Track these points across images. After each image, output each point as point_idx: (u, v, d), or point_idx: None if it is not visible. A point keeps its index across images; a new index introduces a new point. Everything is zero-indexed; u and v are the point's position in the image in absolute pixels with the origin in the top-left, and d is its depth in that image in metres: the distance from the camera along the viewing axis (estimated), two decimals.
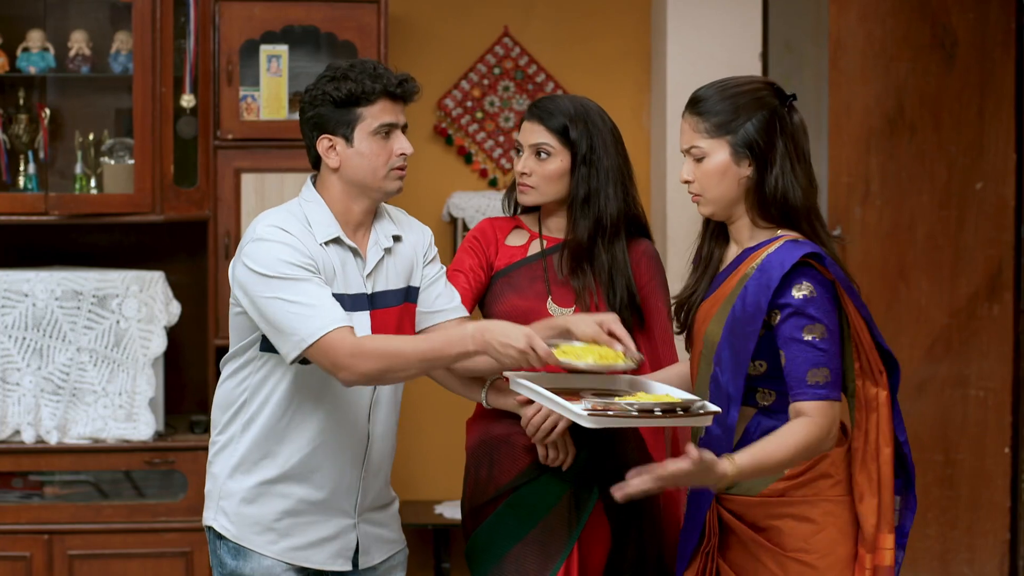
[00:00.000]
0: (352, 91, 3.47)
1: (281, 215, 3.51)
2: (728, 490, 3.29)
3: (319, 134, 3.52)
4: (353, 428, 3.56)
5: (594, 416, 3.08)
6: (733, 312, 3.24)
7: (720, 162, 3.28)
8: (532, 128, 3.77)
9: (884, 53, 5.89)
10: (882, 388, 3.26)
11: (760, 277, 3.21)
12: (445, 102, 6.16)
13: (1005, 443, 5.95)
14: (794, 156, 3.26)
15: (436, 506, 5.99)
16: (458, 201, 5.98)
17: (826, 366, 3.18)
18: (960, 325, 5.94)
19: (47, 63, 5.54)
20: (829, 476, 3.26)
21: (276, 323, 3.39)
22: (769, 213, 3.28)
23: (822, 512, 3.25)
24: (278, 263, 3.39)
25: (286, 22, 5.50)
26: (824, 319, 3.18)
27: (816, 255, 3.21)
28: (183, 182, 5.49)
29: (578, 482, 3.71)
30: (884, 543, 3.25)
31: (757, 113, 3.26)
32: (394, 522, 3.73)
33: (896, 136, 5.91)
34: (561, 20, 6.20)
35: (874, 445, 3.25)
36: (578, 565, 3.70)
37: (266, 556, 3.56)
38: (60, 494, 5.41)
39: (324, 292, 3.39)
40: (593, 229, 3.75)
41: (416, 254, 3.66)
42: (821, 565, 3.23)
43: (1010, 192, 5.92)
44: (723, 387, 3.25)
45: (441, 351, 3.35)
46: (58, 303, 5.34)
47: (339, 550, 3.60)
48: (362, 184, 3.52)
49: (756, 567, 3.28)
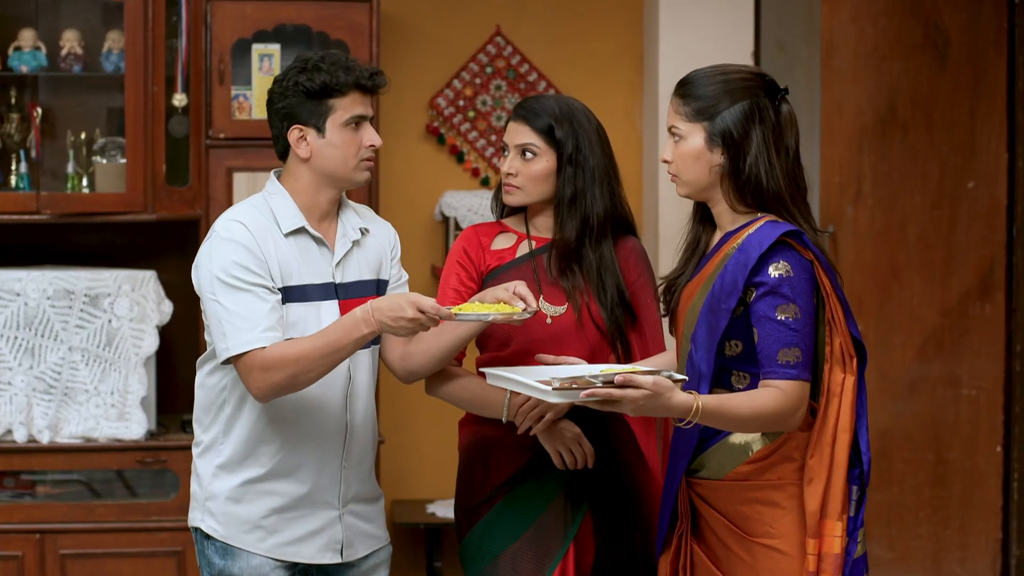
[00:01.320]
0: (325, 83, 3.52)
1: (244, 209, 3.59)
2: (696, 473, 3.33)
3: (290, 124, 3.57)
4: (332, 419, 3.59)
5: (559, 391, 3.10)
6: (712, 291, 3.27)
7: (694, 147, 3.32)
8: (517, 128, 3.76)
9: (876, 53, 5.89)
10: (849, 374, 3.27)
11: (739, 256, 3.24)
12: (437, 101, 6.15)
13: (997, 442, 5.95)
14: (773, 148, 3.28)
15: (428, 505, 5.99)
16: (450, 200, 5.98)
17: (797, 346, 3.20)
18: (952, 324, 5.94)
19: (39, 62, 5.53)
20: (793, 460, 3.27)
21: (211, 325, 3.51)
22: (746, 199, 3.30)
23: (787, 496, 3.26)
24: (228, 265, 3.47)
25: (278, 21, 5.50)
26: (798, 299, 3.20)
27: (795, 233, 3.23)
28: (175, 181, 5.49)
29: (573, 479, 3.71)
30: (831, 530, 3.24)
31: (737, 103, 3.28)
32: (379, 518, 3.75)
33: (888, 136, 5.91)
34: (553, 19, 6.20)
35: (831, 431, 3.25)
36: (574, 563, 3.70)
37: (254, 554, 3.57)
38: (52, 493, 5.41)
39: (261, 306, 3.46)
40: (580, 229, 3.75)
41: (384, 250, 3.71)
42: (789, 550, 3.25)
43: (1002, 192, 5.92)
44: (696, 365, 3.28)
45: (339, 341, 3.42)
46: (50, 302, 5.34)
47: (327, 543, 3.62)
48: (332, 174, 3.57)
49: (726, 554, 3.30)
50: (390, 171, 5.92)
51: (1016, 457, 5.90)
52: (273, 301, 3.48)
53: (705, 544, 3.35)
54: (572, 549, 3.70)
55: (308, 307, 3.55)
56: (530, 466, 3.73)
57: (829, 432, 3.25)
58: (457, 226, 5.94)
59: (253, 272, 3.47)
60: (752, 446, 3.29)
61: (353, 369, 3.60)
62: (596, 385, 3.09)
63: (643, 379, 3.08)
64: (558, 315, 3.73)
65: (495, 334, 3.76)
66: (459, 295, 3.77)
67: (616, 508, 3.72)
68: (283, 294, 3.52)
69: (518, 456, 3.73)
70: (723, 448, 3.31)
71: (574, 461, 3.69)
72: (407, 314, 3.36)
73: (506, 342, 3.75)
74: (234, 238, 3.50)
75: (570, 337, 3.73)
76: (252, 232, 3.50)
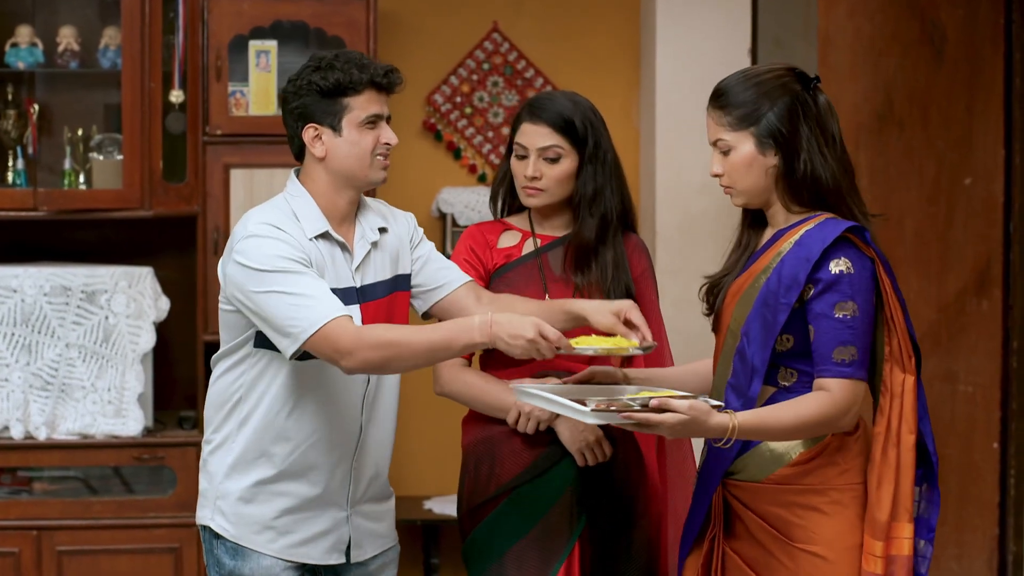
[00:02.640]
0: (340, 81, 3.47)
1: (269, 211, 3.51)
2: (733, 475, 3.30)
3: (304, 123, 3.52)
4: (347, 422, 3.56)
5: (596, 412, 3.07)
6: (767, 285, 3.23)
7: (746, 154, 3.27)
8: (538, 131, 3.74)
9: (873, 49, 5.89)
10: (909, 374, 3.24)
11: (799, 251, 3.21)
12: (434, 97, 6.15)
13: (994, 439, 5.95)
14: (821, 139, 3.26)
15: (425, 502, 5.99)
16: (447, 197, 5.98)
17: (853, 344, 3.17)
18: (949, 321, 5.94)
19: (36, 58, 5.53)
20: (836, 464, 3.24)
21: (274, 316, 3.37)
22: (802, 197, 3.27)
23: (830, 501, 3.23)
24: (273, 257, 3.38)
25: (275, 17, 5.50)
26: (857, 297, 3.18)
27: (858, 229, 3.22)
28: (172, 178, 5.49)
29: (579, 478, 3.71)
30: (900, 532, 3.21)
31: (778, 101, 3.25)
32: (388, 518, 3.72)
33: (885, 132, 5.91)
34: (551, 16, 6.20)
35: (896, 432, 3.22)
36: (579, 562, 3.70)
37: (265, 555, 3.55)
38: (49, 490, 5.41)
39: (320, 284, 3.38)
40: (600, 226, 3.75)
41: (402, 243, 3.66)
42: (832, 556, 3.21)
43: (999, 188, 5.92)
44: (749, 359, 3.24)
45: (448, 341, 3.33)
46: (47, 299, 5.34)
47: (334, 543, 3.60)
48: (348, 174, 3.52)
49: (766, 558, 3.26)
50: None
51: (1013, 454, 5.91)
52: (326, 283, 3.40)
53: (741, 546, 3.31)
54: (577, 548, 3.69)
55: None
56: (537, 464, 3.72)
57: (894, 433, 3.23)
58: (454, 222, 5.94)
59: (300, 258, 3.40)
60: (793, 450, 3.25)
61: (373, 376, 3.55)
62: (634, 408, 3.07)
63: (679, 403, 3.06)
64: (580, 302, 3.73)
65: None
66: None
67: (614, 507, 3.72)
68: None
69: (525, 454, 3.72)
70: (763, 451, 3.27)
71: (595, 458, 3.68)
72: (528, 334, 3.28)
73: None
74: (270, 234, 3.42)
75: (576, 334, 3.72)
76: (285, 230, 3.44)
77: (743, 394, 3.24)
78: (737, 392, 3.25)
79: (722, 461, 3.30)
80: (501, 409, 3.68)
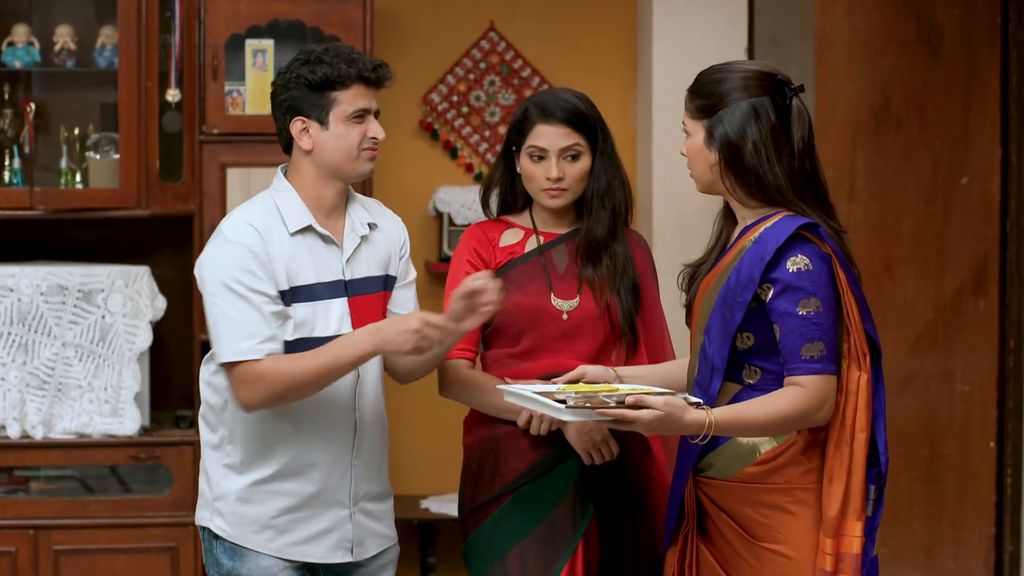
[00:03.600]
0: (327, 75, 3.49)
1: (251, 209, 3.56)
2: (703, 472, 3.32)
3: (292, 116, 3.54)
4: (341, 418, 3.56)
5: (572, 409, 3.09)
6: (727, 284, 3.25)
7: (696, 143, 3.33)
8: (557, 131, 3.72)
9: (869, 48, 5.89)
10: (864, 371, 3.25)
11: (756, 249, 3.23)
12: (431, 97, 6.15)
13: (990, 438, 5.96)
14: (771, 147, 3.25)
15: (422, 500, 5.99)
16: (444, 196, 5.98)
17: (820, 340, 3.19)
18: (945, 320, 5.94)
19: (32, 58, 5.53)
20: (800, 463, 3.26)
21: (211, 324, 3.50)
22: (753, 195, 3.29)
23: (794, 500, 3.25)
24: (232, 269, 3.45)
25: (271, 16, 5.50)
26: (819, 292, 3.19)
27: (812, 226, 3.22)
28: (168, 177, 5.48)
29: (583, 476, 3.70)
30: (851, 530, 3.22)
31: (736, 101, 3.27)
32: (388, 517, 3.73)
33: (882, 131, 5.91)
34: (547, 15, 6.20)
35: (850, 429, 3.24)
36: (583, 561, 3.69)
37: (264, 554, 3.55)
38: (45, 489, 5.41)
39: (259, 316, 3.44)
40: (611, 221, 3.76)
41: (393, 245, 3.68)
42: (795, 555, 3.23)
43: (995, 187, 5.93)
44: (709, 357, 3.26)
45: (338, 360, 3.41)
46: (43, 298, 5.34)
47: (338, 541, 3.60)
48: (335, 167, 3.54)
49: (734, 557, 3.29)
50: (384, 166, 5.92)
51: (1009, 453, 5.91)
52: (273, 309, 3.46)
53: (711, 544, 3.34)
54: (581, 546, 3.68)
55: (316, 306, 3.53)
56: (541, 463, 3.71)
57: (847, 431, 3.24)
58: (451, 222, 5.93)
59: (256, 277, 3.45)
60: (760, 447, 3.27)
61: (362, 367, 3.57)
62: (610, 405, 3.09)
63: (655, 400, 3.07)
64: (572, 309, 3.73)
65: (506, 330, 3.75)
66: None
67: (621, 503, 3.72)
68: (290, 295, 3.50)
69: (530, 452, 3.71)
70: (731, 448, 3.29)
71: (601, 458, 3.68)
72: (412, 325, 3.36)
73: (518, 338, 3.74)
74: (240, 241, 3.47)
75: (583, 332, 3.73)
76: (260, 233, 3.48)
77: (705, 391, 3.27)
78: (701, 389, 3.28)
79: (690, 456, 3.32)
80: (507, 410, 3.67)
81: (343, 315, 3.52)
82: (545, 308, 3.72)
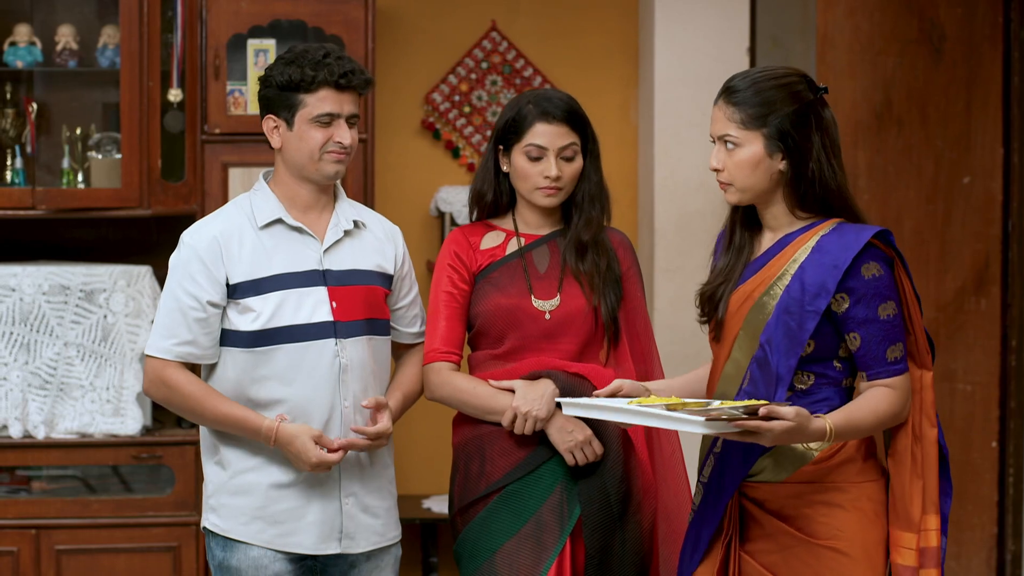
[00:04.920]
0: (292, 77, 3.58)
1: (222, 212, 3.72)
2: (751, 477, 3.30)
3: (265, 113, 3.65)
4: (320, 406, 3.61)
5: (711, 422, 3.03)
6: (788, 292, 3.23)
7: (753, 154, 3.26)
8: (556, 130, 3.74)
9: (871, 47, 5.89)
10: (927, 370, 3.29)
11: (822, 257, 3.22)
12: (432, 96, 6.16)
13: (992, 437, 5.96)
14: (829, 149, 3.26)
15: (424, 500, 5.99)
16: (446, 196, 5.98)
17: (899, 341, 3.24)
18: (947, 319, 5.94)
19: (34, 57, 5.53)
20: (855, 460, 3.27)
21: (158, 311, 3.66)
22: (809, 203, 3.28)
23: (850, 498, 3.25)
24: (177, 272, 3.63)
25: (273, 16, 5.50)
26: (893, 296, 3.23)
27: (882, 234, 3.24)
28: (170, 176, 5.49)
29: (569, 475, 3.71)
30: (930, 524, 3.25)
31: (792, 107, 3.24)
32: (387, 516, 3.74)
33: (883, 130, 5.91)
34: (548, 15, 6.20)
35: (919, 427, 3.27)
36: (571, 559, 3.70)
37: (253, 546, 3.60)
38: (47, 489, 5.41)
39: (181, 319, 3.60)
40: (599, 220, 3.78)
41: (384, 247, 3.75)
42: (854, 552, 3.23)
43: (997, 186, 5.93)
44: (773, 368, 3.23)
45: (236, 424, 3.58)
46: (45, 298, 5.34)
47: (328, 531, 3.63)
48: (299, 166, 3.64)
49: (787, 558, 3.27)
50: (385, 167, 5.92)
51: (1011, 452, 5.91)
52: (198, 316, 3.59)
53: (757, 549, 3.31)
54: (568, 545, 3.70)
55: (288, 294, 3.59)
56: (527, 461, 3.73)
57: (917, 428, 3.27)
58: (453, 221, 5.94)
59: (195, 283, 3.58)
60: (813, 449, 3.26)
61: (344, 356, 3.60)
62: (744, 418, 3.06)
63: (786, 410, 3.06)
64: (554, 309, 3.74)
65: (489, 332, 3.77)
66: (452, 298, 3.78)
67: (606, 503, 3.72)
68: (253, 286, 3.58)
69: (516, 452, 3.73)
70: (782, 451, 3.27)
71: (584, 458, 3.69)
72: (309, 461, 3.55)
73: (500, 339, 3.77)
74: (192, 244, 3.63)
75: (565, 331, 3.74)
76: (218, 238, 3.60)
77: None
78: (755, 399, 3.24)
79: (738, 469, 3.30)
80: (492, 412, 3.70)
81: (319, 303, 3.59)
82: (525, 309, 3.74)
